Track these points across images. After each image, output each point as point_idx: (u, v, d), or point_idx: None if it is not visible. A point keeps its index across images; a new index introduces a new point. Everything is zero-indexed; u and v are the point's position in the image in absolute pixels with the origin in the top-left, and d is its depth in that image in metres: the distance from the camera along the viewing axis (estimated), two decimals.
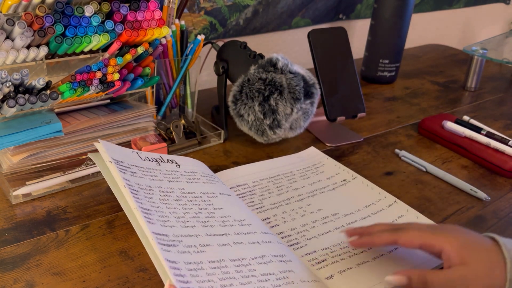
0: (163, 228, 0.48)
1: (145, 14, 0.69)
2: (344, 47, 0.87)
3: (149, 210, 0.50)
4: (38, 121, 0.66)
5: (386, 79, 1.12)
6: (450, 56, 1.37)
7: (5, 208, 0.62)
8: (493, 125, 0.92)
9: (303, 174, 0.72)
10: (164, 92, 0.84)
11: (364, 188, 0.69)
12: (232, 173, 0.70)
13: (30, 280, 0.51)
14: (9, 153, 0.65)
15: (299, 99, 0.73)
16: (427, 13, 1.52)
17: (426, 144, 0.85)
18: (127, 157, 0.59)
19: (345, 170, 0.73)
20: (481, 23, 1.72)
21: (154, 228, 0.47)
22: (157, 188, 0.56)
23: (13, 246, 0.55)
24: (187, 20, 1.01)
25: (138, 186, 0.54)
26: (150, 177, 0.57)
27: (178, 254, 0.46)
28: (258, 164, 0.73)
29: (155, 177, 0.58)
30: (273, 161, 0.75)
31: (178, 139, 0.77)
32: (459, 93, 1.10)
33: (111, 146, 0.59)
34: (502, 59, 1.08)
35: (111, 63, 0.67)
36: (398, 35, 1.07)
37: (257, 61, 0.76)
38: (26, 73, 0.60)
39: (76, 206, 0.63)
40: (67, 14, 0.63)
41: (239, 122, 0.76)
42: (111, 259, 0.54)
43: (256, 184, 0.68)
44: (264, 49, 1.16)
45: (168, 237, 0.47)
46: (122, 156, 0.58)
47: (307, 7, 1.19)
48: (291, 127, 0.76)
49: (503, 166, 0.75)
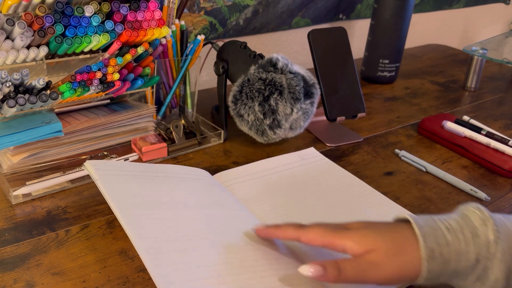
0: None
1: (145, 14, 0.69)
2: (344, 47, 0.87)
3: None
4: (38, 121, 0.66)
5: (386, 79, 1.12)
6: (450, 56, 1.37)
7: (5, 208, 0.62)
8: (493, 125, 0.92)
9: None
10: (164, 92, 0.84)
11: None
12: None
13: (30, 280, 0.51)
14: (9, 153, 0.65)
15: (299, 99, 0.73)
16: (427, 13, 1.52)
17: (426, 144, 0.85)
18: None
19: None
20: (481, 23, 1.72)
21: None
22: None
23: (13, 246, 0.55)
24: (187, 20, 1.01)
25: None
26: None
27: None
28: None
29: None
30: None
31: (178, 139, 0.77)
32: (459, 93, 1.10)
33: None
34: (502, 59, 1.08)
35: (111, 63, 0.67)
36: (398, 35, 1.07)
37: (257, 61, 0.76)
38: (26, 73, 0.60)
39: (76, 206, 0.63)
40: (67, 14, 0.63)
41: (239, 122, 0.76)
42: (111, 259, 0.54)
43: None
44: (264, 49, 1.16)
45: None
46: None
47: (307, 7, 1.19)
48: (291, 127, 0.76)
49: (503, 166, 0.75)
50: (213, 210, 0.58)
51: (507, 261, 0.43)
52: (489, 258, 0.43)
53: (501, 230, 0.44)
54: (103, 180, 0.55)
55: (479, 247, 0.43)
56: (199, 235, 0.52)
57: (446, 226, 0.44)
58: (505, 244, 0.43)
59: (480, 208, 0.45)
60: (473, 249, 0.43)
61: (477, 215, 0.45)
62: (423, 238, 0.43)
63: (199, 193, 0.61)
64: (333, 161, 0.76)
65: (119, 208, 0.51)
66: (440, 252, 0.43)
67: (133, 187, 0.56)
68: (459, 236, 0.43)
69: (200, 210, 0.57)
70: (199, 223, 0.54)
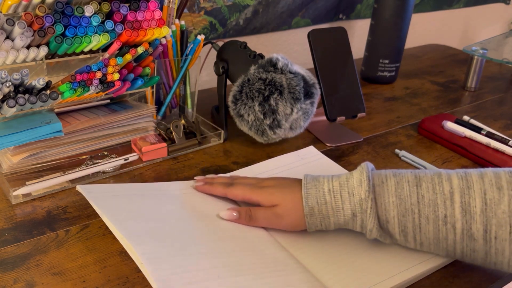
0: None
1: (145, 14, 0.69)
2: (344, 47, 0.87)
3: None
4: (38, 121, 0.66)
5: (386, 79, 1.12)
6: (450, 56, 1.37)
7: (5, 208, 0.62)
8: (493, 125, 0.92)
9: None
10: (164, 92, 0.84)
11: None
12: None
13: (30, 280, 0.51)
14: (9, 153, 0.65)
15: (299, 99, 0.73)
16: (427, 13, 1.51)
17: (426, 144, 0.85)
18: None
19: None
20: (481, 23, 1.72)
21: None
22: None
23: (13, 246, 0.55)
24: (187, 20, 1.01)
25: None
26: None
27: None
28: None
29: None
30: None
31: (178, 139, 0.77)
32: (459, 93, 1.10)
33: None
34: (502, 59, 1.08)
35: (111, 63, 0.67)
36: (398, 35, 1.07)
37: (257, 61, 0.76)
38: (26, 73, 0.60)
39: (76, 206, 0.63)
40: (67, 14, 0.63)
41: (239, 122, 0.76)
42: (111, 259, 0.54)
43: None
44: (264, 49, 1.16)
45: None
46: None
47: (307, 7, 1.19)
48: (291, 127, 0.76)
49: (503, 166, 0.75)
50: (208, 217, 0.58)
51: (381, 214, 0.52)
52: (362, 212, 0.53)
53: (377, 190, 0.53)
54: (95, 200, 0.56)
55: (354, 204, 0.53)
56: (195, 240, 0.52)
57: (328, 188, 0.54)
58: (379, 201, 0.52)
59: (364, 168, 0.54)
60: (348, 206, 0.53)
61: (358, 176, 0.54)
62: (305, 199, 0.55)
63: (193, 204, 0.61)
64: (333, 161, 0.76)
65: (113, 221, 0.52)
66: (319, 209, 0.54)
67: (126, 204, 0.57)
68: (336, 196, 0.54)
69: (195, 218, 0.57)
70: (195, 230, 0.55)
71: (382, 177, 0.54)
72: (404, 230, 0.52)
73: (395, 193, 0.52)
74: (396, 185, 0.53)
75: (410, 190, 0.52)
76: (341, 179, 0.55)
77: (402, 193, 0.52)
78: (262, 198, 0.58)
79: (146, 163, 0.73)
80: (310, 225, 0.55)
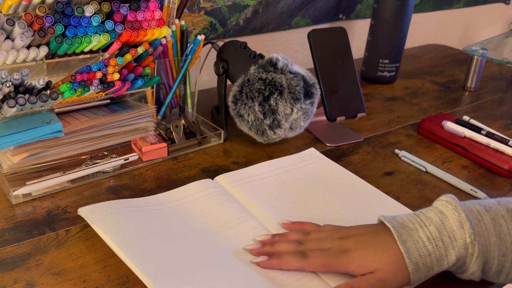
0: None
1: (145, 14, 0.69)
2: (344, 47, 0.87)
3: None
4: (38, 121, 0.66)
5: (386, 79, 1.12)
6: (450, 56, 1.37)
7: (5, 208, 0.62)
8: (493, 125, 0.92)
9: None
10: (164, 92, 0.84)
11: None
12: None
13: (30, 280, 0.51)
14: (9, 153, 0.65)
15: (299, 99, 0.73)
16: (427, 13, 1.51)
17: (426, 144, 0.85)
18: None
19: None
20: (481, 23, 1.72)
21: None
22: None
23: (13, 246, 0.55)
24: (187, 20, 1.01)
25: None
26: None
27: None
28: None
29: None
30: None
31: (178, 139, 0.77)
32: (459, 93, 1.10)
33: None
34: (502, 59, 1.08)
35: (111, 63, 0.67)
36: (398, 35, 1.07)
37: (257, 61, 0.76)
38: (26, 73, 0.60)
39: (76, 206, 0.63)
40: (67, 14, 0.63)
41: (239, 122, 0.76)
42: (111, 259, 0.54)
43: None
44: (264, 49, 1.16)
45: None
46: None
47: (307, 7, 1.19)
48: (291, 127, 0.76)
49: (503, 166, 0.75)
50: (212, 229, 0.58)
51: (483, 257, 0.49)
52: (467, 256, 0.49)
53: (477, 229, 0.49)
54: (98, 223, 0.56)
55: (458, 249, 0.48)
56: (200, 256, 0.53)
57: (427, 236, 0.49)
58: (481, 243, 0.48)
59: (457, 206, 0.50)
60: (452, 253, 0.49)
61: (455, 217, 0.49)
62: (407, 255, 0.48)
63: (195, 215, 0.61)
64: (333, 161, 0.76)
65: (116, 242, 0.52)
66: (423, 263, 0.48)
67: (128, 223, 0.57)
68: (439, 244, 0.49)
69: (199, 231, 0.57)
70: (199, 245, 0.55)
71: (475, 214, 0.50)
72: (501, 269, 0.50)
73: (494, 232, 0.49)
74: (493, 222, 0.49)
75: (508, 227, 0.49)
76: (435, 222, 0.50)
77: (501, 232, 0.49)
78: (354, 267, 0.49)
79: (146, 163, 0.73)
80: (415, 281, 0.49)
